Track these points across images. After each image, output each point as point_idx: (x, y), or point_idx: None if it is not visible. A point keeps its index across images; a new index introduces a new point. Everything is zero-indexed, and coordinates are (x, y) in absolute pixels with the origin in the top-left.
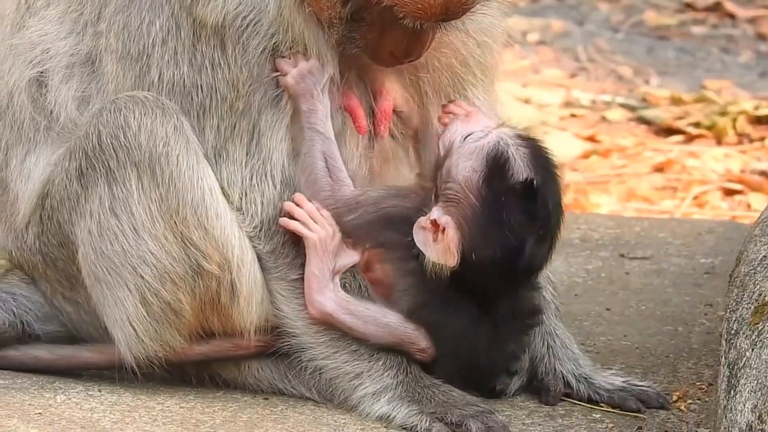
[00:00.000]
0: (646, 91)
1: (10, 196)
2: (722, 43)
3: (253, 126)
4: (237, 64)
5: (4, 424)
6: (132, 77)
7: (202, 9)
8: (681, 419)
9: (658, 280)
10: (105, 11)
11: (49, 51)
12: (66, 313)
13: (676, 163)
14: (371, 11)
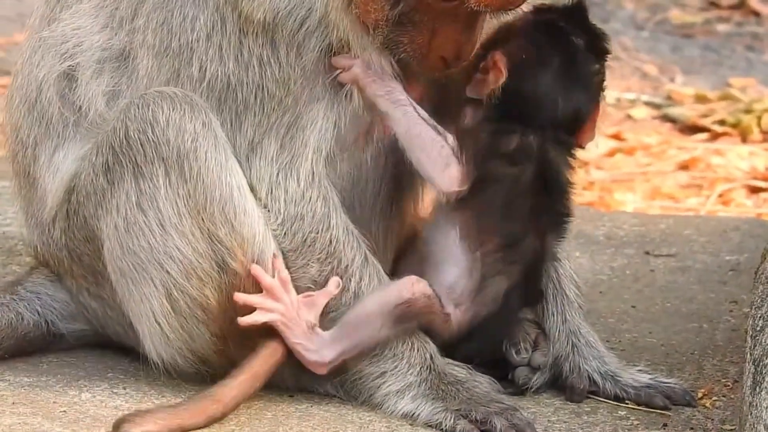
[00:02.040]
0: (671, 88)
1: (38, 192)
2: (747, 41)
3: (294, 120)
4: (289, 63)
5: (29, 422)
6: (168, 72)
7: (248, 4)
8: (706, 416)
9: (683, 277)
10: (142, 8)
11: (82, 45)
12: (91, 310)
13: (701, 160)
14: (421, 8)
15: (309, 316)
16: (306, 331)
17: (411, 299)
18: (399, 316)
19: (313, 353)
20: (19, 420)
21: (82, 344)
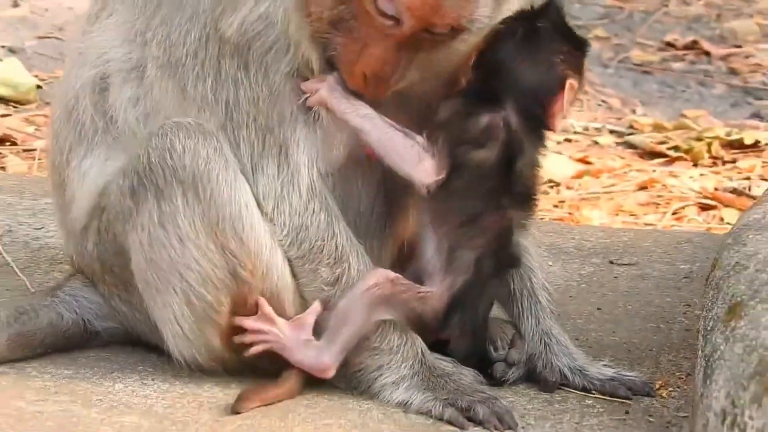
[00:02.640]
0: (632, 119)
1: (67, 197)
2: (699, 78)
3: (281, 141)
4: (258, 84)
5: (69, 408)
6: (173, 85)
7: (225, 23)
8: (663, 405)
9: (643, 283)
10: (152, 22)
11: (108, 56)
12: (122, 313)
13: (657, 182)
14: (361, 16)
15: (301, 335)
16: (301, 348)
17: (375, 284)
18: (371, 302)
19: (314, 363)
20: (60, 407)
21: (115, 341)
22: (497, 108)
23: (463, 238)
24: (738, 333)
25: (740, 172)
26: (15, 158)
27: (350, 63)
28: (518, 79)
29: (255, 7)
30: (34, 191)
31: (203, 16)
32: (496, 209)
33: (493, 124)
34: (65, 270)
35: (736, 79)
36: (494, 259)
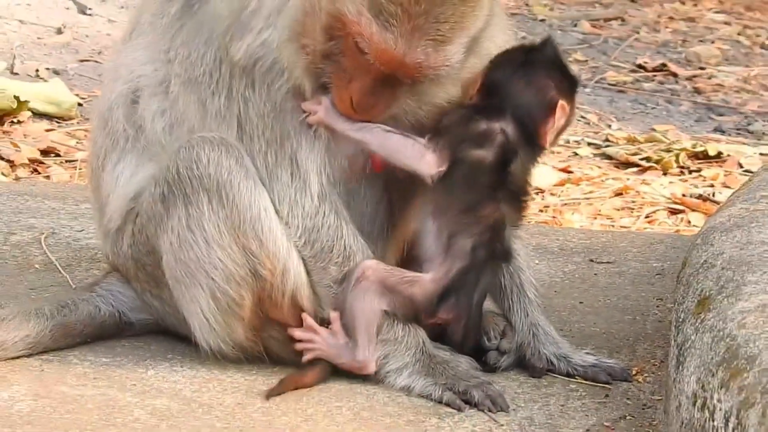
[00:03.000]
0: (608, 132)
1: (102, 198)
2: (667, 96)
3: (291, 152)
4: (262, 100)
5: (106, 393)
6: (194, 102)
7: (234, 48)
8: (639, 389)
9: (620, 279)
10: (175, 42)
11: (137, 72)
12: (153, 307)
13: (631, 189)
14: (347, 51)
15: (339, 340)
16: (341, 352)
17: (361, 274)
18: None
19: (353, 364)
20: (99, 392)
21: (148, 331)
22: (496, 119)
23: (462, 226)
24: (707, 324)
25: (705, 180)
26: (58, 168)
27: (339, 90)
28: (516, 98)
29: (258, 35)
30: (76, 197)
31: (217, 41)
32: (491, 201)
33: (492, 129)
34: (102, 268)
35: (700, 97)
36: (488, 248)
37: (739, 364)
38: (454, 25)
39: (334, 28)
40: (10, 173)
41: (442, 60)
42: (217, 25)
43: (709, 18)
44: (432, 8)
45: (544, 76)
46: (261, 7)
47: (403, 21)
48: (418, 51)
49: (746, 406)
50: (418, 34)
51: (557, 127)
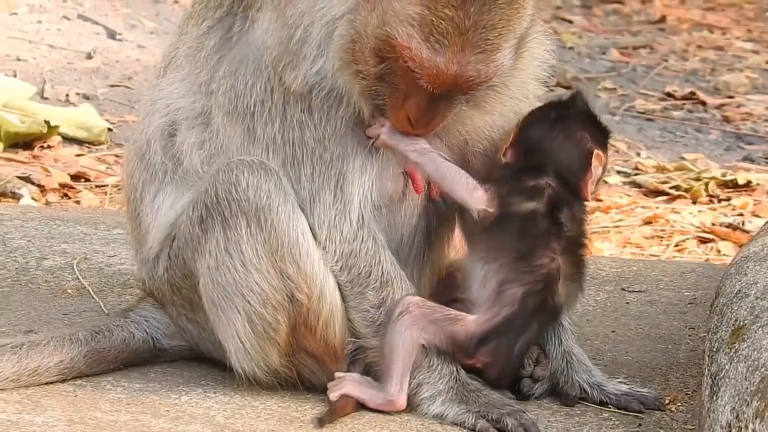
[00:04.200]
0: (637, 161)
1: (142, 229)
2: (696, 125)
3: (339, 174)
4: (322, 125)
5: (140, 418)
6: (240, 132)
7: (289, 77)
8: (672, 418)
9: (652, 308)
10: (216, 74)
11: (175, 105)
12: (188, 331)
13: (661, 217)
14: (398, 72)
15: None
16: (372, 397)
17: (403, 310)
18: (406, 327)
19: (385, 404)
20: (132, 417)
21: (181, 357)
22: (539, 176)
23: (514, 274)
24: (741, 354)
25: (734, 209)
26: (89, 193)
27: (395, 110)
28: (555, 154)
29: (312, 64)
30: (107, 223)
31: (266, 72)
32: (546, 250)
33: (538, 185)
34: (136, 293)
35: (729, 126)
36: (539, 298)
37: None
38: (501, 30)
39: (384, 51)
40: (41, 198)
41: (493, 70)
42: (264, 55)
43: (737, 46)
44: (480, 18)
45: (578, 130)
46: (309, 37)
47: (454, 39)
48: (469, 68)
49: None
50: (468, 50)
51: (595, 177)
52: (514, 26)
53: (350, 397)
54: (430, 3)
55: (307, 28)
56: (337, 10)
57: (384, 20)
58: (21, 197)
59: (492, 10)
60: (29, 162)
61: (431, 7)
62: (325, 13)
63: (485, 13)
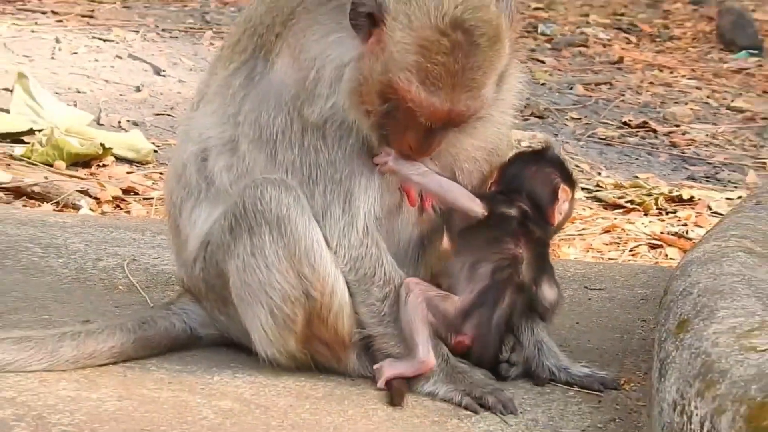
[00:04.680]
0: (598, 179)
1: (181, 237)
2: (648, 149)
3: (347, 191)
4: (335, 150)
5: (179, 395)
6: (263, 157)
7: (307, 111)
8: (627, 397)
9: (610, 304)
10: (242, 108)
11: (206, 135)
12: (220, 322)
13: (618, 227)
14: (400, 110)
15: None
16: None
17: (408, 290)
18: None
19: (420, 366)
20: (173, 394)
21: (214, 344)
22: (518, 199)
23: (484, 255)
24: (685, 343)
25: (680, 220)
26: (137, 205)
27: (398, 140)
28: (529, 187)
29: (326, 101)
30: (153, 230)
31: (286, 107)
32: (512, 240)
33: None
34: (176, 290)
35: (676, 150)
36: (507, 274)
37: (713, 377)
38: (485, 70)
39: (387, 93)
40: (97, 209)
41: (480, 104)
42: (284, 93)
43: (683, 83)
44: (467, 61)
45: (549, 170)
46: (321, 77)
47: (446, 81)
48: (460, 104)
49: (719, 413)
50: (458, 89)
51: (562, 210)
52: (495, 65)
53: (394, 378)
54: (424, 52)
55: (320, 70)
56: (345, 57)
57: (387, 68)
58: (80, 208)
59: (476, 53)
60: (87, 178)
61: (426, 56)
62: (334, 58)
63: (471, 57)
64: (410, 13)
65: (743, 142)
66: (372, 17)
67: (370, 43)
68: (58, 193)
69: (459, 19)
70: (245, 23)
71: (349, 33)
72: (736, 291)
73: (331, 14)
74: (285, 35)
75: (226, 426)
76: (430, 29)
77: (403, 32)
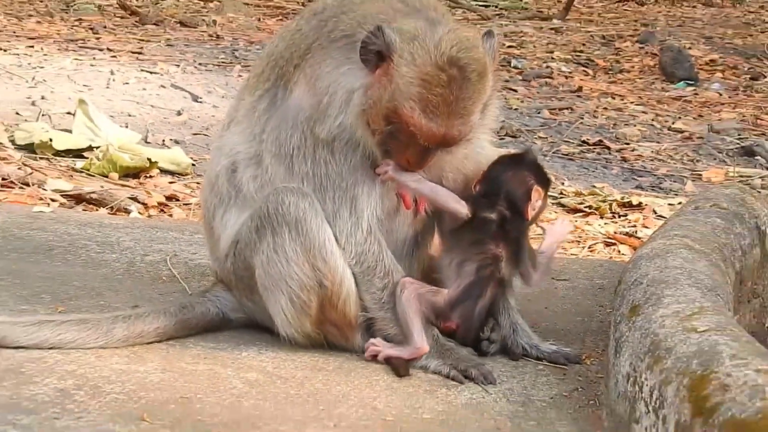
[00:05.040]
0: (561, 188)
1: (214, 237)
2: (603, 163)
3: (353, 197)
4: (341, 163)
5: (212, 368)
6: (283, 169)
7: (318, 129)
8: (587, 370)
9: (573, 292)
10: (266, 128)
11: (236, 150)
12: (247, 307)
13: (578, 228)
14: (402, 131)
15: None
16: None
17: (403, 286)
18: (409, 297)
19: (416, 351)
20: (207, 367)
21: (242, 326)
22: (497, 201)
23: (469, 255)
24: (637, 325)
25: (630, 222)
26: (178, 209)
27: (399, 154)
28: (506, 189)
29: (335, 119)
30: (191, 230)
31: (301, 126)
32: (493, 241)
33: (494, 206)
34: (211, 280)
35: (626, 164)
36: (489, 271)
37: (660, 354)
38: (474, 100)
39: (392, 117)
40: (144, 213)
41: (469, 129)
42: (300, 114)
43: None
44: (461, 93)
45: (525, 172)
46: (333, 101)
47: (443, 110)
48: (453, 129)
49: (665, 384)
50: (452, 116)
51: (535, 207)
52: (482, 96)
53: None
54: (426, 84)
55: (332, 95)
56: (354, 85)
57: (393, 96)
58: (130, 212)
59: (468, 86)
60: (136, 187)
61: (427, 88)
62: (345, 85)
63: (463, 89)
64: (413, 51)
65: (682, 158)
66: (380, 54)
67: (378, 74)
68: (112, 200)
69: (454, 58)
70: (268, 57)
71: (358, 65)
72: (679, 281)
73: (342, 50)
74: (302, 67)
75: (252, 394)
76: (431, 65)
77: (407, 67)
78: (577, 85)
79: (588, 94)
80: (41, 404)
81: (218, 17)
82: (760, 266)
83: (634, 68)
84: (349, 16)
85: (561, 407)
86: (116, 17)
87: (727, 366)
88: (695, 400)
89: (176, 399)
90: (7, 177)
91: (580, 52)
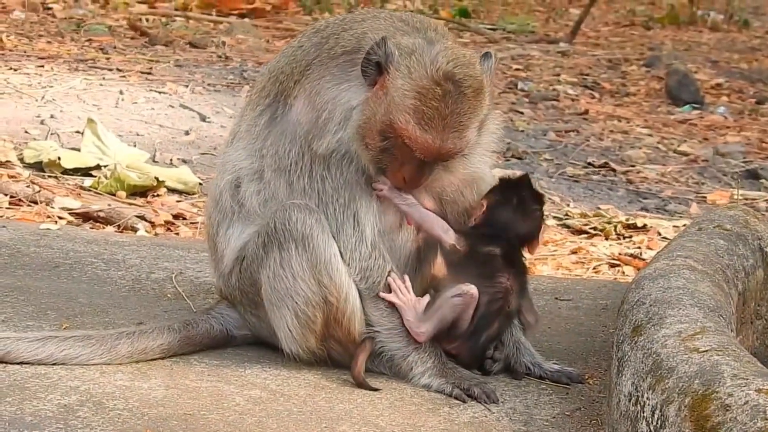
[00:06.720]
0: (567, 210)
1: (218, 253)
2: (608, 185)
3: (354, 213)
4: (337, 178)
5: (216, 385)
6: (283, 182)
7: (315, 145)
8: (590, 389)
9: (576, 312)
10: (266, 143)
11: (239, 166)
12: (252, 324)
13: (583, 249)
14: (397, 147)
15: (417, 307)
16: (412, 313)
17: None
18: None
19: (414, 326)
20: (211, 384)
21: (246, 343)
22: (501, 239)
23: (481, 288)
24: (639, 345)
25: (635, 244)
26: (185, 228)
27: (394, 172)
28: (516, 227)
29: (333, 136)
30: (197, 248)
31: (299, 141)
32: (502, 274)
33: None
34: (215, 298)
35: (632, 186)
36: (499, 304)
37: (662, 373)
38: (470, 114)
39: (387, 131)
40: (151, 231)
41: (464, 143)
42: (298, 129)
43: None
44: (456, 107)
45: (534, 209)
46: (331, 117)
47: (438, 123)
48: (448, 142)
49: (667, 403)
50: (447, 130)
51: (542, 240)
52: (478, 111)
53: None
54: (420, 97)
55: (331, 111)
56: (353, 101)
57: (389, 109)
58: (137, 230)
59: (463, 100)
60: (144, 206)
61: (421, 101)
62: (344, 102)
63: (458, 103)
64: (410, 65)
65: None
66: (379, 66)
67: (375, 89)
68: (119, 218)
69: (450, 73)
70: (269, 73)
71: (357, 82)
72: (681, 302)
73: (341, 67)
74: (302, 82)
75: (255, 411)
76: (427, 79)
77: (403, 80)
78: (583, 107)
79: (594, 116)
80: (45, 420)
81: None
82: (763, 287)
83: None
84: (350, 33)
85: (563, 427)
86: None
87: (728, 386)
88: (696, 419)
89: (179, 415)
90: (15, 195)
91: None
